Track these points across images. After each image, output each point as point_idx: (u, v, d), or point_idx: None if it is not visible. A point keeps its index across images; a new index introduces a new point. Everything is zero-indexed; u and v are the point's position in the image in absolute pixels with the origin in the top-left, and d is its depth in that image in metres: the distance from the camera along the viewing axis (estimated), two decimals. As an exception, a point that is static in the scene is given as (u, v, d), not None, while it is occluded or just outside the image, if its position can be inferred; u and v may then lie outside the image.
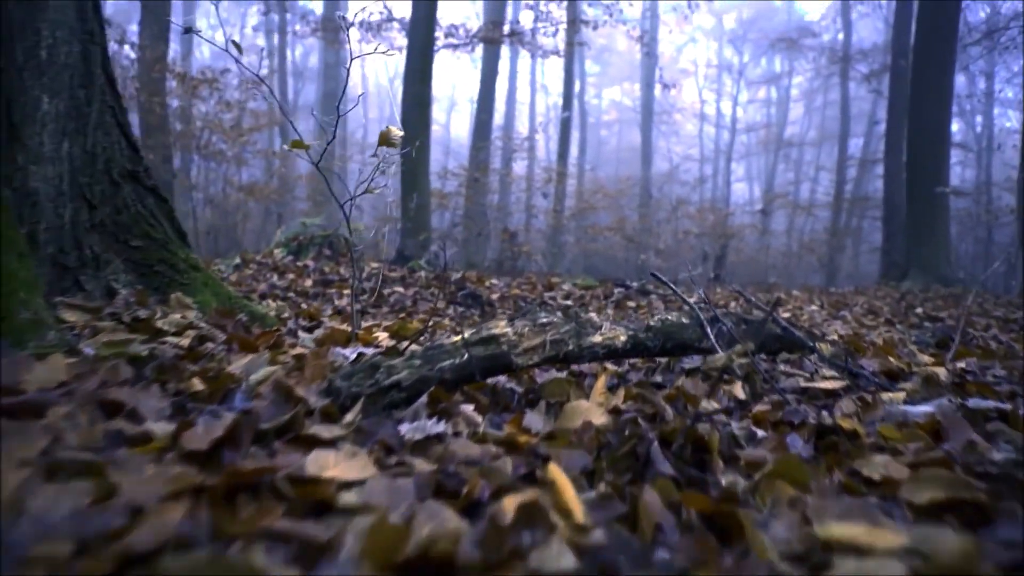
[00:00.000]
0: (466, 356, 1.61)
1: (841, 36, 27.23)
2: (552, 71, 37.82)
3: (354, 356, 2.00)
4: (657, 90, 24.13)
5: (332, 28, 16.48)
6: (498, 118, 34.61)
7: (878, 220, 24.03)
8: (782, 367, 2.47)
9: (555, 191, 18.97)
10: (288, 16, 23.53)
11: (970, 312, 7.19)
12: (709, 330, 2.13)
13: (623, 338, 1.97)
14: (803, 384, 2.08)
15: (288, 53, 32.82)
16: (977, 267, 17.98)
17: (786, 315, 6.33)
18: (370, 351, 2.19)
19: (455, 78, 40.51)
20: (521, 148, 19.98)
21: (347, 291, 5.93)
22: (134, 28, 15.72)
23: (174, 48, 22.14)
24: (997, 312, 7.76)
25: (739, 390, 1.91)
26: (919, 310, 7.54)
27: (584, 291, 6.89)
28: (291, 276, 6.40)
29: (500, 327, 1.74)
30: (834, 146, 30.61)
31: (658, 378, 2.23)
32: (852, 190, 25.69)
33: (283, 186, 19.06)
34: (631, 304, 6.43)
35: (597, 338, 1.92)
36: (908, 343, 3.54)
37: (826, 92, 32.39)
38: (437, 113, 40.18)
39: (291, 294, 5.72)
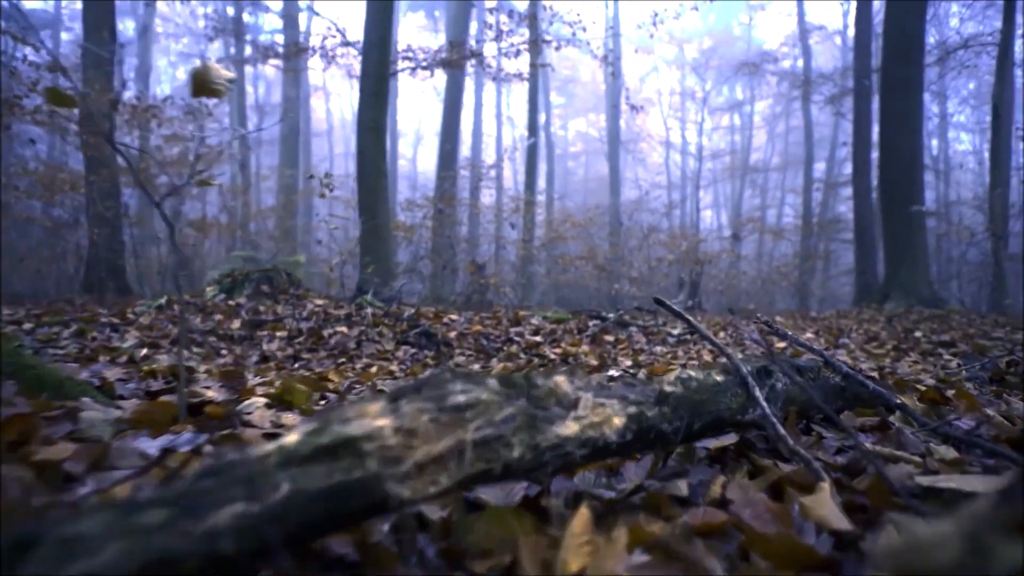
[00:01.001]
0: (285, 491, 0.71)
1: (800, 63, 27.06)
2: (517, 102, 37.42)
3: (156, 456, 1.14)
4: (624, 113, 23.61)
5: (289, 54, 15.67)
6: (464, 150, 34.00)
7: (847, 242, 23.66)
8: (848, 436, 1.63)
9: (523, 221, 18.20)
10: (248, 51, 22.76)
11: (983, 335, 6.47)
12: (759, 392, 1.29)
13: (618, 421, 1.07)
14: (920, 478, 1.23)
15: (250, 88, 32.04)
16: (952, 287, 17.46)
17: (781, 345, 5.55)
18: (203, 439, 1.33)
19: (421, 112, 39.92)
20: (487, 176, 19.21)
21: (281, 333, 5.03)
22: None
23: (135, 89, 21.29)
24: (998, 333, 7.05)
25: (829, 509, 1.05)
26: (918, 334, 6.80)
27: (555, 325, 6.05)
28: (219, 317, 5.49)
29: (369, 416, 0.82)
30: (798, 171, 30.34)
31: (681, 485, 1.30)
32: (819, 213, 25.29)
33: (242, 220, 18.09)
34: (609, 338, 5.60)
35: (570, 426, 0.99)
36: (963, 382, 2.73)
37: (788, 118, 32.20)
38: (403, 147, 39.52)
39: (211, 339, 4.80)
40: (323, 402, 2.07)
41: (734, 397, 1.28)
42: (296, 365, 4.49)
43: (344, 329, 5.16)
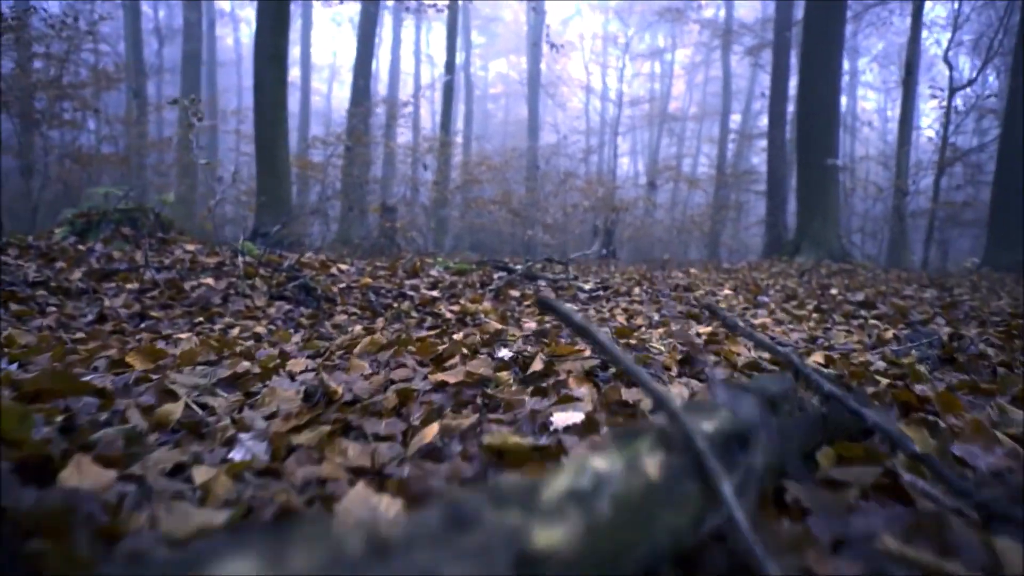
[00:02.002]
0: None
1: (723, 13, 26.68)
2: (437, 40, 35.94)
3: None
4: (544, 56, 22.75)
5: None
6: (382, 88, 32.54)
7: (759, 194, 23.73)
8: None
9: (438, 162, 17.36)
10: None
11: (895, 293, 6.19)
12: (727, 488, 0.70)
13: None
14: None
15: (149, 10, 29.58)
16: (855, 240, 17.66)
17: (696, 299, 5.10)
18: None
19: (336, 46, 37.93)
20: (403, 114, 18.15)
21: (131, 285, 4.25)
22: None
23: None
24: (908, 291, 6.82)
25: None
26: (833, 291, 6.49)
27: (457, 277, 5.44)
28: (61, 265, 4.64)
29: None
30: (715, 121, 30.28)
31: None
32: (733, 164, 25.26)
33: (134, 153, 16.59)
34: (515, 294, 5.02)
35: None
36: (920, 369, 2.26)
37: (707, 68, 31.97)
38: (317, 83, 37.59)
39: (40, 292, 3.99)
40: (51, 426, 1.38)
41: (681, 505, 0.68)
42: (143, 326, 3.75)
43: (210, 281, 4.41)
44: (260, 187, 10.38)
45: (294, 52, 36.10)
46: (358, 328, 3.73)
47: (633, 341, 3.10)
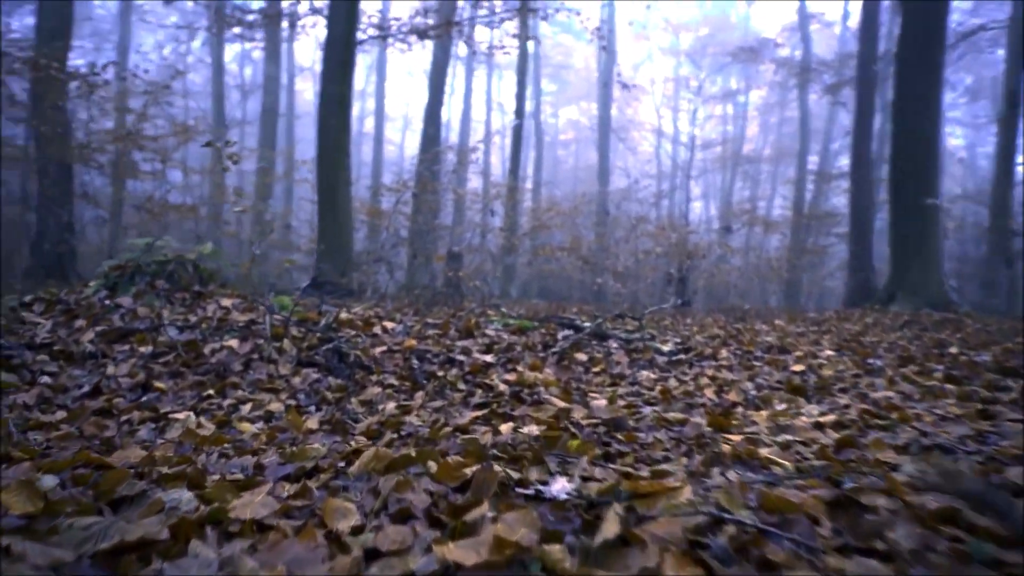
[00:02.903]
0: None
1: (799, 53, 25.65)
2: (508, 89, 35.91)
3: None
4: (615, 98, 22.17)
5: (256, 23, 14.17)
6: (453, 137, 32.51)
7: (840, 237, 22.37)
8: None
9: (506, 208, 16.83)
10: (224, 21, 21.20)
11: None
12: None
13: None
14: None
15: (235, 67, 30.49)
16: (952, 287, 16.21)
17: (799, 368, 4.25)
18: None
19: (409, 96, 38.35)
20: (472, 161, 17.69)
21: (144, 348, 3.70)
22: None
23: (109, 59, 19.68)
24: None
25: None
26: (953, 349, 5.49)
27: (515, 337, 4.73)
28: (80, 323, 4.14)
29: None
30: (790, 163, 29.04)
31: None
32: (811, 206, 23.95)
33: (207, 204, 16.64)
34: (581, 357, 4.28)
35: None
36: None
37: (783, 108, 30.88)
38: (391, 133, 37.99)
39: (41, 357, 3.47)
40: None
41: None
42: (144, 399, 3.17)
43: (233, 343, 3.83)
44: (321, 233, 9.98)
45: (368, 104, 36.74)
46: (391, 406, 3.05)
47: (735, 437, 2.32)
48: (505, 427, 2.45)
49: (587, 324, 5.07)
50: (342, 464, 1.73)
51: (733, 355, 4.72)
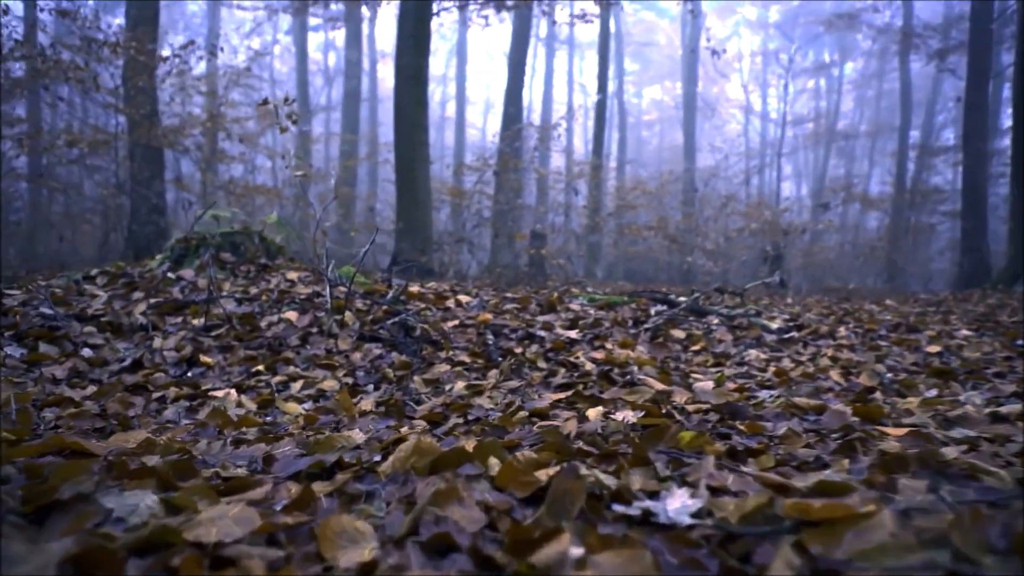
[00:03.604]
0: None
1: (897, 18, 23.83)
2: (590, 69, 35.02)
3: None
4: (701, 78, 21.11)
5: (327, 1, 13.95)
6: (535, 118, 31.94)
7: (947, 215, 20.74)
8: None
9: (589, 186, 16.21)
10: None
11: None
12: None
13: None
14: None
15: (318, 55, 30.78)
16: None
17: (934, 349, 3.58)
18: None
19: (490, 80, 37.95)
20: (554, 137, 17.06)
21: (197, 321, 3.37)
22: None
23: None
24: None
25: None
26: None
27: (603, 312, 4.21)
28: (137, 296, 3.86)
29: None
30: (888, 139, 27.19)
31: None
32: (913, 183, 22.27)
33: (291, 185, 16.67)
34: (678, 334, 3.73)
35: None
36: None
37: (881, 80, 28.97)
38: (473, 116, 37.72)
39: (88, 329, 3.17)
40: None
41: None
42: (188, 374, 2.82)
43: (292, 316, 3.46)
44: (400, 212, 9.67)
45: (450, 88, 36.53)
46: (459, 386, 2.60)
47: (896, 431, 1.75)
48: (593, 412, 1.95)
49: (682, 299, 4.51)
50: (377, 458, 1.28)
51: (853, 334, 4.07)
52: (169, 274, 4.26)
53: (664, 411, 1.99)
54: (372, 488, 1.09)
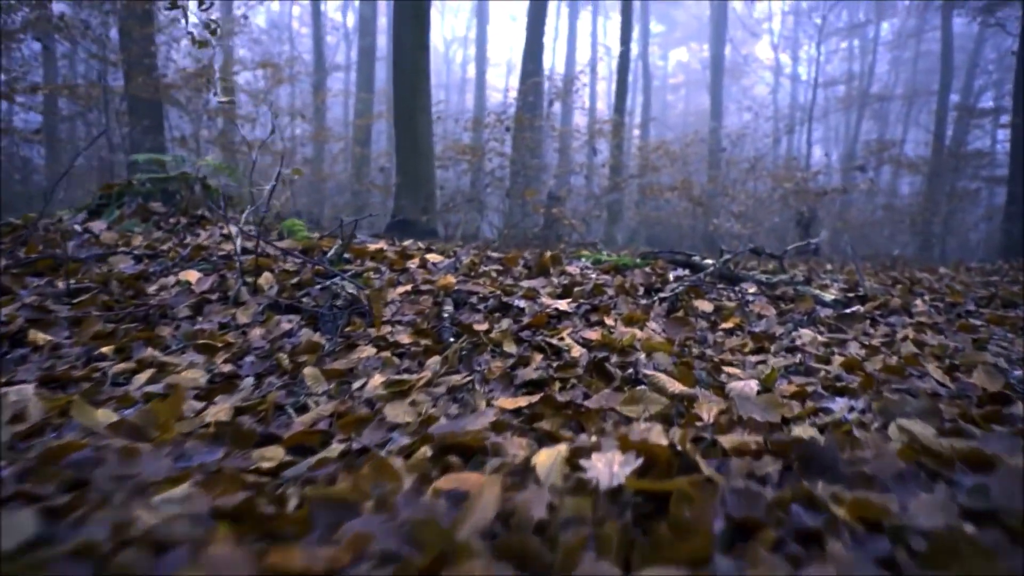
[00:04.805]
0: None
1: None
2: (614, 31, 33.49)
3: None
4: (729, 37, 19.65)
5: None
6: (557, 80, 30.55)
7: (991, 181, 19.33)
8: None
9: (611, 146, 15.10)
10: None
11: None
12: None
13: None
14: None
15: (337, 15, 29.68)
16: None
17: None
18: None
19: (512, 42, 36.53)
20: (573, 90, 15.87)
21: (63, 283, 2.50)
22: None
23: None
24: None
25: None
26: None
27: (608, 275, 3.27)
28: (20, 253, 3.01)
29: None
30: (924, 103, 25.61)
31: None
32: (950, 147, 20.75)
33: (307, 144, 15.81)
34: (703, 306, 2.78)
35: None
36: None
37: (918, 40, 27.22)
38: (494, 78, 36.39)
39: None
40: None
41: None
42: (8, 355, 1.96)
43: (191, 277, 2.57)
44: (399, 167, 8.74)
45: (471, 51, 35.17)
46: (376, 382, 1.71)
47: None
48: (545, 458, 1.05)
49: (709, 261, 3.55)
50: None
51: (932, 309, 3.09)
52: (76, 226, 3.39)
53: (679, 450, 1.08)
54: None
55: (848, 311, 2.80)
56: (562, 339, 2.15)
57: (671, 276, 3.32)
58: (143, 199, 3.74)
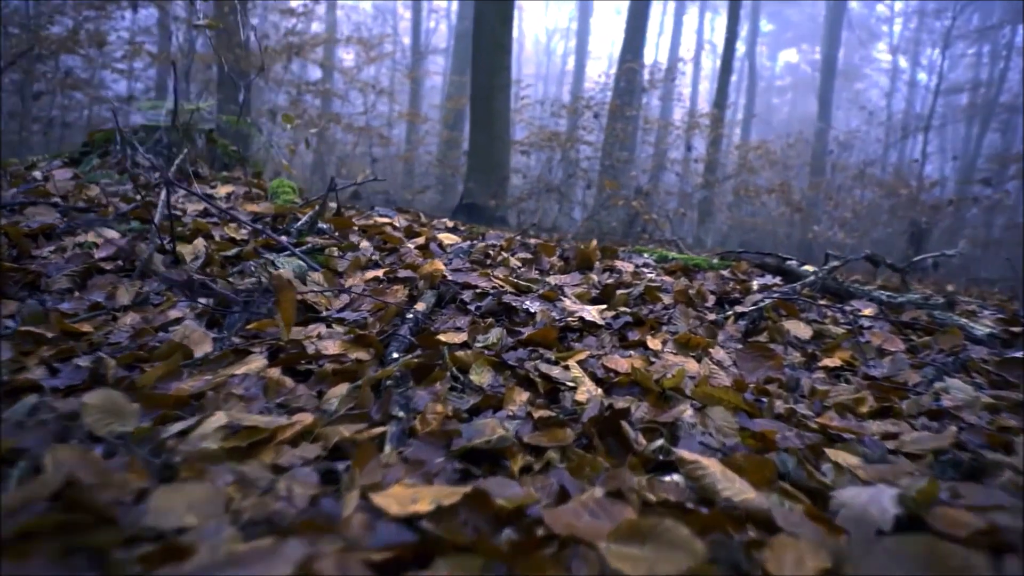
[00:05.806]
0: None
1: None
2: (721, 28, 31.82)
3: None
4: (844, 40, 17.93)
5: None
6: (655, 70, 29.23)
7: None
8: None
9: (708, 142, 13.94)
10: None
11: None
12: None
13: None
14: None
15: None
16: None
17: None
18: None
19: (615, 36, 35.37)
20: (670, 78, 14.73)
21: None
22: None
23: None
24: None
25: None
26: None
27: (668, 278, 2.43)
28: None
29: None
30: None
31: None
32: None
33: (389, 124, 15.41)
34: (799, 331, 1.91)
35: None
36: None
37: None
38: (594, 72, 35.26)
39: None
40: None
41: None
42: None
43: (101, 238, 1.91)
44: (472, 148, 8.04)
45: (571, 43, 34.14)
46: (213, 423, 0.96)
47: None
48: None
49: (809, 268, 2.65)
50: None
51: None
52: (37, 173, 2.81)
53: None
54: None
55: (1017, 355, 1.87)
56: (569, 368, 1.35)
57: (755, 284, 2.45)
58: (129, 149, 3.15)
